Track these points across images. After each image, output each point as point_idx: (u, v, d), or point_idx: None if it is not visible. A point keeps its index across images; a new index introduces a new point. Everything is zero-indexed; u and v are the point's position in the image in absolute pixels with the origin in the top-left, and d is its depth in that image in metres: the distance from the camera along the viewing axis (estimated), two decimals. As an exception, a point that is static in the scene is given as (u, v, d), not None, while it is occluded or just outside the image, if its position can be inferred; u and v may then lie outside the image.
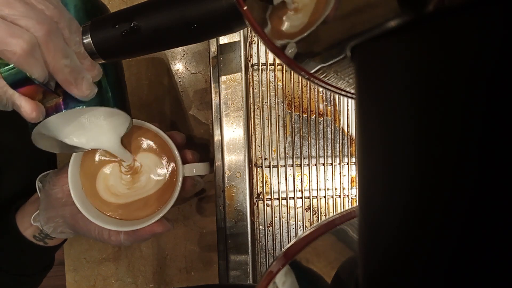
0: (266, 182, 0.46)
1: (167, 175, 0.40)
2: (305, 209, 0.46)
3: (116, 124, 0.37)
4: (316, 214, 0.47)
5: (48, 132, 0.34)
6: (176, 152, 0.39)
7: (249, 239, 0.44)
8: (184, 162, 0.40)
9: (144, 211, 0.39)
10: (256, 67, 0.45)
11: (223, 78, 0.43)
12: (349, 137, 0.46)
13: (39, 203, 0.39)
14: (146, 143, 0.40)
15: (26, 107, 0.28)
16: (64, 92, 0.29)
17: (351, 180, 0.47)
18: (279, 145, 0.45)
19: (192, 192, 0.43)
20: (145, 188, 0.40)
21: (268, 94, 0.45)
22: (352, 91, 0.21)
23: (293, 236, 0.47)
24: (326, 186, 0.46)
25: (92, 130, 0.36)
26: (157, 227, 0.39)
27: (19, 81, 0.27)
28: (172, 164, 0.40)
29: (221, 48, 0.43)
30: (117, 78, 0.35)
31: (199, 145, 0.50)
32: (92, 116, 0.35)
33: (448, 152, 0.10)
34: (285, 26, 0.15)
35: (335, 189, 0.46)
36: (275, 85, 0.46)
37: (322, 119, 0.46)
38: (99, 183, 0.39)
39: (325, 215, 0.47)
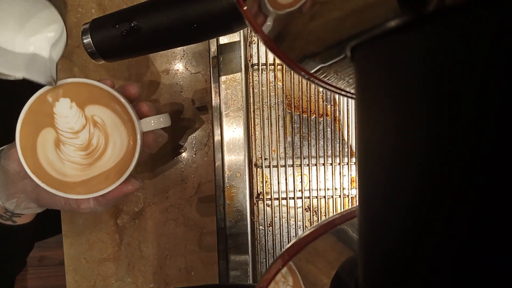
0: (266, 182, 0.46)
1: (127, 140, 0.37)
2: (305, 209, 0.46)
3: (48, 38, 0.31)
4: (316, 214, 0.47)
5: None
6: (129, 107, 0.36)
7: (249, 239, 0.44)
8: (141, 115, 0.37)
9: (106, 183, 0.37)
10: (256, 67, 0.45)
11: (223, 78, 0.43)
12: (348, 137, 0.46)
13: None
14: (94, 105, 0.36)
15: None
16: None
17: (351, 180, 0.47)
18: (279, 145, 0.45)
19: (156, 147, 0.40)
20: (105, 163, 0.37)
21: (268, 94, 0.45)
22: (352, 91, 0.21)
23: (293, 236, 0.47)
24: (326, 186, 0.46)
25: (21, 54, 0.31)
26: (125, 187, 0.37)
27: None
28: (129, 124, 0.36)
29: (221, 48, 0.43)
30: None
31: (199, 145, 0.50)
32: (16, 24, 0.30)
33: (456, 152, 0.10)
34: None
35: (335, 189, 0.46)
36: (275, 85, 0.46)
37: (322, 119, 0.46)
38: (48, 167, 0.36)
39: (325, 215, 0.47)
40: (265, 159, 0.46)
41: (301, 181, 0.46)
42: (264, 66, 0.45)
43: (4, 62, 0.32)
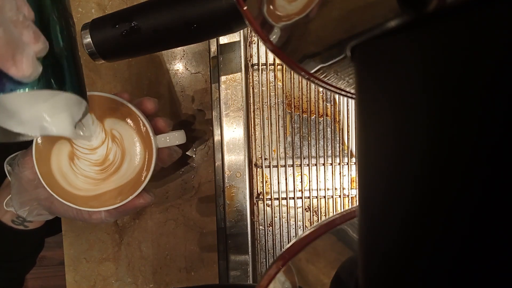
0: (266, 182, 0.46)
1: (142, 156, 0.36)
2: (305, 209, 0.46)
3: (68, 107, 0.30)
4: (316, 214, 0.47)
5: None
6: (147, 123, 0.36)
7: (249, 239, 0.44)
8: (156, 131, 0.37)
9: (119, 198, 0.36)
10: (256, 67, 0.45)
11: (223, 78, 0.43)
12: (348, 137, 0.46)
13: None
14: (113, 119, 0.36)
15: None
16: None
17: (351, 180, 0.46)
18: (279, 145, 0.45)
19: (170, 162, 0.40)
20: (120, 178, 0.36)
21: (268, 94, 0.45)
22: (352, 91, 0.21)
23: (293, 236, 0.47)
24: (326, 186, 0.46)
25: (38, 114, 0.29)
26: (138, 201, 0.37)
27: None
28: (145, 139, 0.36)
29: (221, 48, 0.43)
30: (68, 52, 0.27)
31: (199, 145, 0.50)
32: (37, 99, 0.28)
33: (455, 152, 0.10)
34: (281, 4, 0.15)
35: (335, 189, 0.46)
36: (275, 85, 0.46)
37: (322, 119, 0.46)
38: (61, 179, 0.36)
39: (325, 215, 0.47)
40: (265, 159, 0.46)
41: (301, 181, 0.46)
42: (264, 66, 0.45)
43: (20, 123, 0.29)
